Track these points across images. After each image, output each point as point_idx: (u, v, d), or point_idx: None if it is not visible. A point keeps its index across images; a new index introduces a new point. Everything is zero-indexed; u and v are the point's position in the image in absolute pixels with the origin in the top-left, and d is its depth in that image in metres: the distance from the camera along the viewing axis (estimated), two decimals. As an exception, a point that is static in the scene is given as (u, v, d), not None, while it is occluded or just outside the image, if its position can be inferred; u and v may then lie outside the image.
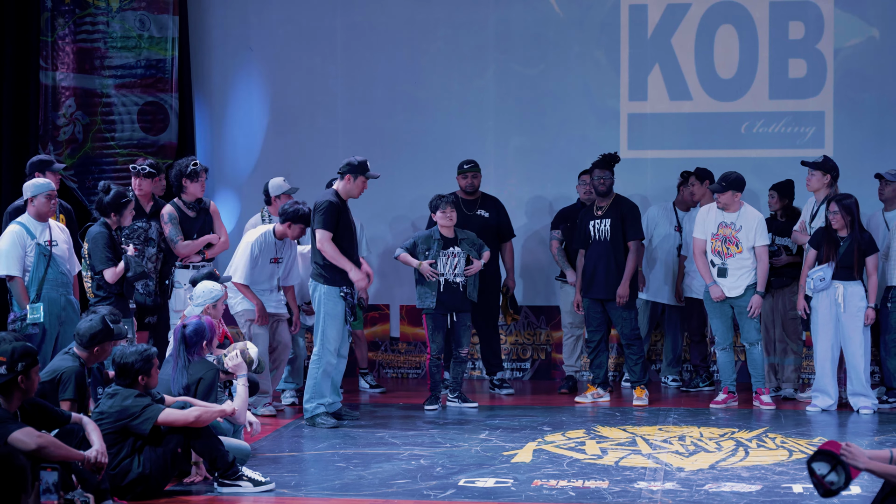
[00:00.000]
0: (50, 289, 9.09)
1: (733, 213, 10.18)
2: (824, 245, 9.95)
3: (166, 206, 10.08)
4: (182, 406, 7.27)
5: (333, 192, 9.40)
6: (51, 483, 5.51)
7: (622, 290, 10.41)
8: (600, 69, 11.99)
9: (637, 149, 11.87)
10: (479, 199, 11.18)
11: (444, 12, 12.14)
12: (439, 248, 10.24)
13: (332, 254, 9.25)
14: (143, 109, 11.90)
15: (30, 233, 9.06)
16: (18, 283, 8.99)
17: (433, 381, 10.34)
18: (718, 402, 10.32)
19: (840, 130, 11.60)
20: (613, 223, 10.49)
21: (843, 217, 9.87)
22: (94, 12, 11.78)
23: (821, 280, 9.90)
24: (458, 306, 10.29)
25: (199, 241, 10.03)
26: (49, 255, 9.10)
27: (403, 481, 7.56)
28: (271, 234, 9.92)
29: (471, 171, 11.11)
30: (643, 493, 7.24)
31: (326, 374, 9.36)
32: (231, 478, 7.25)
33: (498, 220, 11.17)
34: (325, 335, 9.33)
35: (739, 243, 10.15)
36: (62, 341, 8.99)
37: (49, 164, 9.79)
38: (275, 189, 10.59)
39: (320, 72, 12.27)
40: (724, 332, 10.32)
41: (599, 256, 10.51)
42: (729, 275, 10.18)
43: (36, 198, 9.13)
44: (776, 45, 11.71)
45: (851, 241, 9.87)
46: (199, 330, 7.90)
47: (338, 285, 9.32)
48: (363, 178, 9.38)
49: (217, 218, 10.26)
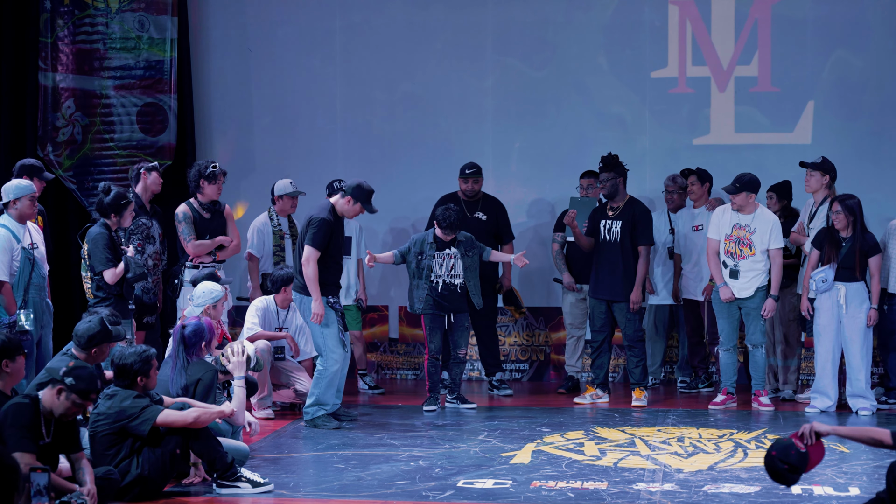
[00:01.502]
0: (34, 293, 9.05)
1: (748, 215, 10.16)
2: (826, 246, 9.94)
3: (181, 206, 10.12)
4: (181, 407, 7.26)
5: (330, 207, 9.36)
6: (42, 485, 5.52)
7: (635, 297, 10.40)
8: (600, 70, 12.00)
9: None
10: (479, 202, 11.18)
11: (443, 13, 12.14)
12: (433, 250, 10.24)
13: (311, 276, 9.21)
14: (143, 110, 11.90)
15: (15, 236, 8.97)
16: (7, 288, 8.88)
17: (432, 382, 10.34)
18: (717, 403, 10.32)
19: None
20: (624, 226, 10.47)
21: (846, 217, 9.86)
22: (93, 13, 11.78)
23: (823, 281, 9.90)
24: (455, 307, 10.29)
25: (211, 241, 10.06)
26: (32, 258, 9.06)
27: (402, 482, 7.56)
28: (273, 303, 10.12)
29: (472, 177, 11.10)
30: (642, 495, 7.24)
31: (330, 383, 9.36)
32: (230, 479, 7.25)
33: (496, 223, 11.17)
34: (326, 344, 9.33)
35: (753, 245, 10.14)
36: (42, 345, 8.99)
37: (40, 170, 9.70)
38: (279, 189, 10.74)
39: (319, 73, 12.27)
40: (729, 332, 10.31)
41: (607, 258, 10.50)
42: (741, 276, 10.17)
43: (19, 200, 9.01)
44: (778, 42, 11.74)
45: (853, 241, 9.86)
46: (198, 331, 7.90)
47: (325, 295, 9.31)
48: (361, 205, 9.35)
49: (231, 221, 10.31)
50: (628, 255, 10.47)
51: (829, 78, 11.78)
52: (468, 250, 10.26)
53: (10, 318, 8.80)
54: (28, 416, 6.44)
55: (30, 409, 6.47)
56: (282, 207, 10.80)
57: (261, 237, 10.74)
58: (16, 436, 6.37)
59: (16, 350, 6.88)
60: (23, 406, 6.47)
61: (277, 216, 10.79)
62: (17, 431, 6.38)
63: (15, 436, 6.37)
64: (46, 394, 6.55)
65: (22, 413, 6.44)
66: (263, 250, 10.73)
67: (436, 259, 10.21)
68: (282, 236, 10.76)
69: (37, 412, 6.50)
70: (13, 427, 6.39)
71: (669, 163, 11.59)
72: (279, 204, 10.79)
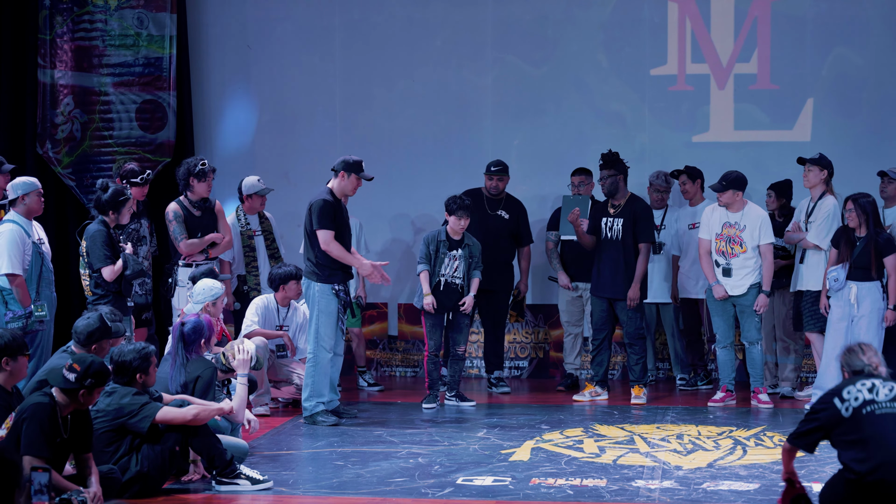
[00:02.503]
0: (45, 286, 9.08)
1: (737, 213, 10.17)
2: (842, 244, 9.89)
3: (171, 204, 10.10)
4: (180, 404, 7.26)
5: (327, 190, 9.42)
6: (42, 484, 5.53)
7: (633, 294, 10.40)
8: (599, 68, 11.99)
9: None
10: (502, 200, 11.18)
11: (442, 11, 12.14)
12: (445, 248, 10.26)
13: (339, 253, 9.29)
14: (142, 107, 11.89)
15: (25, 231, 9.03)
16: (22, 281, 8.92)
17: (431, 380, 10.35)
18: (716, 400, 10.32)
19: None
20: (626, 223, 10.46)
21: (859, 216, 9.82)
22: (92, 10, 11.77)
23: (835, 280, 9.88)
24: (454, 306, 10.30)
25: (203, 239, 10.05)
26: (42, 253, 9.09)
27: (401, 479, 7.56)
28: (273, 301, 10.12)
29: (497, 174, 11.09)
30: (641, 492, 7.24)
31: (323, 371, 9.36)
32: (229, 476, 7.25)
33: (517, 224, 11.16)
34: (319, 333, 9.33)
35: (744, 243, 10.14)
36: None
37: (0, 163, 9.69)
38: (248, 188, 10.67)
39: (319, 70, 12.27)
40: (725, 330, 10.31)
41: (608, 256, 10.49)
42: (733, 274, 10.17)
43: (28, 195, 9.04)
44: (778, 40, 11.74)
45: (868, 240, 9.82)
46: (197, 328, 7.89)
47: (331, 283, 9.33)
48: (356, 176, 9.39)
49: (222, 217, 10.28)
50: (630, 252, 10.46)
51: (829, 75, 11.78)
52: (472, 255, 10.29)
53: (27, 310, 8.86)
54: (47, 416, 6.46)
55: (50, 410, 6.49)
56: (251, 206, 10.71)
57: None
58: (33, 436, 6.40)
59: (18, 349, 6.89)
60: (44, 406, 6.48)
61: (246, 215, 10.71)
62: (36, 432, 6.40)
63: (32, 436, 6.40)
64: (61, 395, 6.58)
65: (42, 413, 6.46)
66: (234, 253, 10.65)
67: (447, 257, 10.24)
68: (251, 236, 10.68)
69: (55, 412, 6.52)
70: (32, 427, 6.41)
71: (669, 160, 11.58)
72: (248, 203, 10.69)
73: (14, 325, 8.72)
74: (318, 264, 9.36)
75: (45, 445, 6.41)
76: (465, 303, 10.27)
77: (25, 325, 8.82)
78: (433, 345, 10.33)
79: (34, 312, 8.89)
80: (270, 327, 10.06)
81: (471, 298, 10.29)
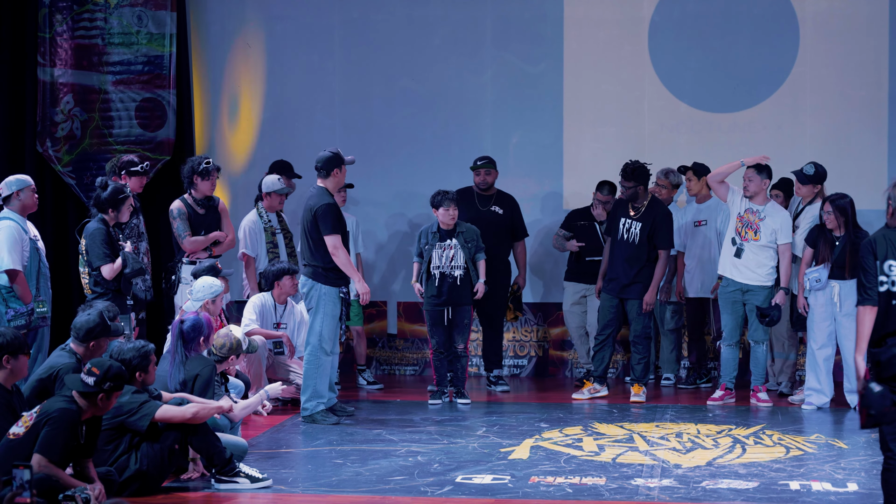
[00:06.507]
0: (43, 282, 9.08)
1: (761, 205, 10.15)
2: (820, 244, 9.91)
3: (175, 202, 10.11)
4: (179, 402, 7.27)
5: (325, 192, 9.39)
6: (24, 481, 5.54)
7: (650, 298, 10.41)
8: (599, 66, 11.99)
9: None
10: (493, 196, 11.17)
11: (441, 8, 12.13)
12: (435, 240, 10.26)
13: (344, 262, 9.30)
14: (141, 106, 11.88)
15: (22, 227, 9.00)
16: (22, 278, 8.91)
17: (439, 376, 10.36)
18: (716, 398, 10.32)
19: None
20: (644, 228, 10.44)
21: (837, 217, 9.84)
22: (91, 8, 11.76)
23: (817, 281, 9.88)
24: (455, 300, 10.27)
25: (207, 237, 10.06)
26: (38, 249, 9.08)
27: (401, 478, 7.56)
28: (270, 299, 10.11)
29: (483, 168, 11.09)
30: (640, 490, 7.25)
31: (324, 373, 9.36)
32: (228, 474, 7.25)
33: (512, 218, 11.15)
34: (322, 335, 9.33)
35: (759, 232, 10.12)
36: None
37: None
38: (268, 186, 10.67)
39: (318, 68, 12.26)
40: (732, 328, 10.30)
41: (624, 257, 10.47)
42: (744, 257, 10.14)
43: (22, 192, 9.03)
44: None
45: (846, 241, 9.83)
46: (196, 326, 7.90)
47: (338, 286, 9.34)
48: (344, 166, 9.47)
49: (225, 216, 10.30)
50: (646, 256, 10.45)
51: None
52: (468, 241, 10.26)
53: (29, 307, 8.85)
54: (71, 423, 6.54)
55: (76, 417, 6.57)
56: (270, 204, 10.72)
57: (253, 236, 10.60)
58: (53, 440, 6.47)
59: (19, 348, 6.90)
60: (70, 413, 6.55)
61: (266, 213, 10.73)
62: (57, 437, 6.49)
63: (52, 439, 6.47)
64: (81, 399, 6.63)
65: (68, 419, 6.53)
66: (258, 249, 10.66)
67: (436, 249, 10.23)
68: (273, 233, 10.70)
69: (79, 419, 6.60)
70: (54, 431, 6.49)
71: (669, 159, 11.58)
72: (267, 200, 10.71)
73: (17, 323, 8.71)
74: (325, 268, 9.36)
75: (61, 451, 6.49)
76: (478, 290, 10.27)
77: (29, 323, 8.82)
78: (436, 341, 10.34)
79: (36, 309, 8.90)
80: (268, 325, 10.06)
81: (481, 285, 10.28)
